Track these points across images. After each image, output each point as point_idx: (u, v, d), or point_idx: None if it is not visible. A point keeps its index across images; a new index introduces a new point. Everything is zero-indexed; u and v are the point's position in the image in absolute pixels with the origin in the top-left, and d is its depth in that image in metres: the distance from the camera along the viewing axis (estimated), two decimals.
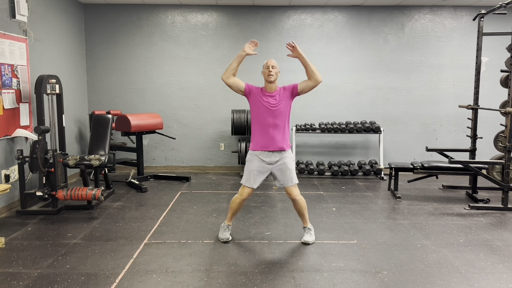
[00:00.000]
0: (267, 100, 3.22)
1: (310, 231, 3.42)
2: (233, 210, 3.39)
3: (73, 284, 2.62)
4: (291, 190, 3.30)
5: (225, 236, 3.39)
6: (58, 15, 5.36)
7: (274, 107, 3.20)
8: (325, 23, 6.28)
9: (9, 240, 3.40)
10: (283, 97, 3.24)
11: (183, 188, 5.27)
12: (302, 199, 3.36)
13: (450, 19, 6.25)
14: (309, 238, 3.38)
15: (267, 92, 3.24)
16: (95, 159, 4.39)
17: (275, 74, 3.22)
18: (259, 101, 3.23)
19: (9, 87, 4.21)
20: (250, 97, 3.28)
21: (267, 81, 3.24)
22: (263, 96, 3.23)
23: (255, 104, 3.25)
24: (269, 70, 3.22)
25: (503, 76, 4.79)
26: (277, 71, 3.24)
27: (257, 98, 3.24)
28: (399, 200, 4.74)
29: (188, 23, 6.26)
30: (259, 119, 3.24)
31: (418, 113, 6.40)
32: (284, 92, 3.26)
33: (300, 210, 3.38)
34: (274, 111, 3.20)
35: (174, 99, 6.38)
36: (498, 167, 4.83)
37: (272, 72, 3.21)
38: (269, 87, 3.25)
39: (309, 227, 3.44)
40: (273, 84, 3.24)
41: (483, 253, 3.18)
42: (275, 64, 3.25)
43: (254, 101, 3.26)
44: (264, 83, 3.29)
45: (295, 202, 3.34)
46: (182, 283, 2.65)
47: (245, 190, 3.30)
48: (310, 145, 6.48)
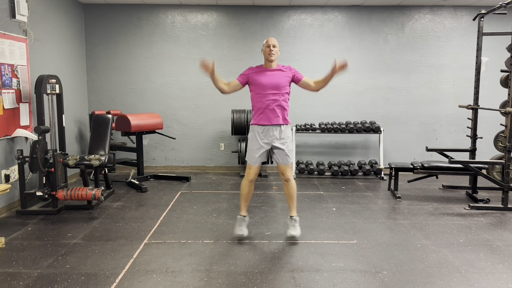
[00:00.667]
0: (267, 74, 3.30)
1: (296, 223, 3.43)
2: (244, 196, 3.44)
3: (73, 284, 2.62)
4: (285, 170, 3.38)
5: (240, 232, 3.38)
6: (58, 15, 5.36)
7: (274, 79, 3.28)
8: (325, 23, 6.28)
9: (9, 240, 3.40)
10: (283, 74, 3.33)
11: (183, 188, 5.27)
12: (294, 182, 3.45)
13: (450, 19, 6.26)
14: (294, 232, 3.38)
15: (266, 68, 3.34)
16: (95, 159, 4.39)
17: (276, 52, 3.32)
18: (259, 76, 3.30)
19: (9, 87, 4.21)
20: (249, 80, 3.35)
21: (268, 59, 3.33)
22: (262, 72, 3.32)
23: (254, 81, 3.32)
24: (270, 49, 3.30)
25: (503, 76, 4.79)
26: (277, 49, 3.34)
27: (256, 75, 3.32)
28: (399, 200, 4.74)
29: (188, 23, 6.26)
30: (259, 93, 3.30)
31: (418, 113, 6.40)
32: (286, 70, 3.36)
33: (290, 192, 3.44)
34: (273, 83, 3.27)
35: (174, 99, 6.38)
36: (498, 167, 4.84)
37: (273, 51, 3.31)
38: (269, 64, 3.35)
39: (295, 217, 3.45)
40: (273, 62, 3.33)
41: (483, 253, 3.18)
42: (275, 42, 3.33)
43: (253, 79, 3.32)
44: (264, 61, 3.38)
45: (287, 182, 3.41)
46: (182, 283, 2.65)
47: (251, 170, 3.37)
48: (310, 145, 6.48)
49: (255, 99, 3.34)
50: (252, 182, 3.43)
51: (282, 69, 3.36)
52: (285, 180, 3.43)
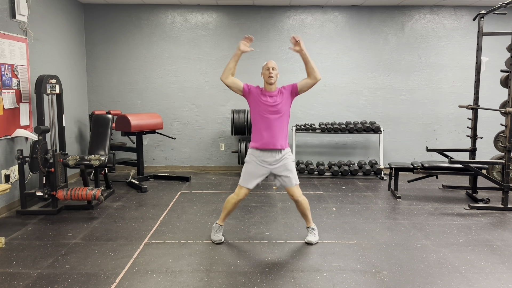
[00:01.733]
0: (267, 99, 3.21)
1: (314, 231, 3.42)
2: (228, 210, 3.36)
3: (73, 284, 2.62)
4: (293, 191, 3.29)
5: (218, 238, 3.37)
6: (58, 15, 5.36)
7: (274, 107, 3.20)
8: (325, 23, 6.28)
9: (9, 240, 3.40)
10: (283, 97, 3.23)
11: (183, 188, 5.27)
12: (305, 200, 3.36)
13: (450, 19, 6.25)
14: (312, 238, 3.37)
15: (267, 92, 3.24)
16: (95, 159, 4.39)
17: (275, 76, 3.22)
18: (259, 101, 3.22)
19: (9, 87, 4.21)
20: (250, 97, 3.27)
21: (267, 82, 3.23)
22: (262, 96, 3.22)
23: (255, 104, 3.25)
24: (269, 72, 3.20)
25: (503, 76, 4.79)
26: (277, 72, 3.23)
27: (256, 98, 3.23)
28: (399, 200, 4.74)
29: (188, 23, 6.26)
30: (259, 118, 3.23)
31: (418, 113, 6.40)
32: (284, 91, 3.25)
33: (303, 211, 3.38)
34: (274, 110, 3.20)
35: (174, 99, 6.38)
36: (498, 167, 4.83)
37: (273, 74, 3.20)
38: (268, 88, 3.25)
39: (312, 227, 3.43)
40: (273, 85, 3.24)
41: (483, 253, 3.18)
42: (275, 65, 3.24)
43: (253, 101, 3.25)
44: (264, 84, 3.28)
45: (298, 203, 3.33)
46: (182, 283, 2.65)
47: (242, 191, 3.29)
48: (310, 145, 6.48)
49: (254, 121, 3.27)
50: (240, 201, 3.34)
51: (281, 93, 3.24)
52: (295, 201, 3.34)
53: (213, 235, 3.40)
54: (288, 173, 3.25)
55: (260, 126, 3.22)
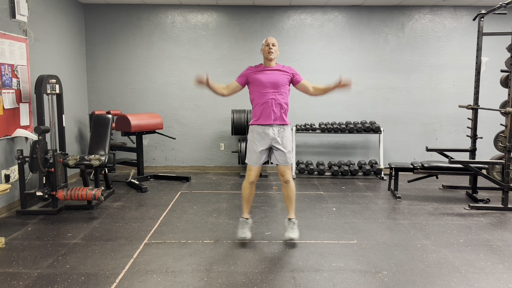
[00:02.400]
0: (266, 73, 3.27)
1: (294, 225, 3.40)
2: (245, 198, 3.41)
3: (73, 284, 2.62)
4: (285, 171, 3.34)
5: (243, 234, 3.34)
6: (58, 15, 5.37)
7: (273, 77, 3.25)
8: (325, 23, 6.28)
9: (9, 240, 3.40)
10: (282, 73, 3.30)
11: (183, 188, 5.27)
12: (293, 184, 3.42)
13: (450, 19, 6.26)
14: (293, 234, 3.34)
15: (266, 67, 3.31)
16: (95, 159, 4.39)
17: (275, 51, 3.30)
18: (258, 75, 3.28)
19: (9, 87, 4.21)
20: (248, 79, 3.33)
21: (267, 58, 3.30)
22: (260, 71, 3.30)
23: (254, 80, 3.29)
24: (269, 48, 3.28)
25: (503, 76, 4.79)
26: (276, 48, 3.31)
27: (255, 74, 3.29)
28: (399, 200, 4.74)
29: (188, 23, 6.26)
30: (258, 94, 3.28)
31: (418, 113, 6.40)
32: (286, 70, 3.33)
33: (289, 194, 3.40)
34: (272, 84, 3.25)
35: (174, 99, 6.38)
36: (498, 167, 4.83)
37: (272, 49, 3.28)
38: (268, 63, 3.32)
39: (293, 220, 3.42)
40: (273, 61, 3.31)
41: (483, 253, 3.18)
42: (275, 42, 3.31)
43: (252, 78, 3.30)
44: (263, 60, 3.35)
45: (287, 184, 3.38)
46: (182, 283, 2.65)
47: (251, 172, 3.34)
48: (310, 145, 6.48)
49: (254, 98, 3.32)
50: (253, 184, 3.39)
51: (282, 69, 3.33)
52: (284, 182, 3.38)
53: (239, 231, 3.41)
54: (284, 149, 3.30)
55: (260, 101, 3.27)
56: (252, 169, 3.35)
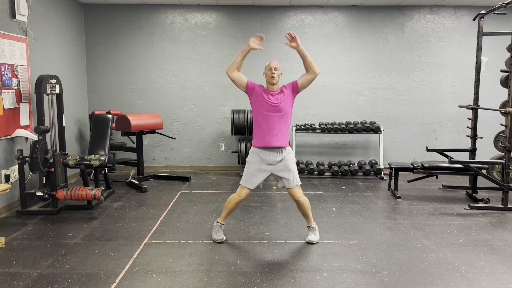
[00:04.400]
0: (269, 98, 3.22)
1: (315, 230, 3.42)
2: (229, 209, 3.37)
3: (73, 284, 2.62)
4: (295, 192, 3.30)
5: (219, 237, 3.37)
6: (58, 15, 5.36)
7: (276, 106, 3.20)
8: (325, 23, 6.28)
9: (9, 240, 3.40)
10: (285, 96, 3.24)
11: (183, 188, 5.27)
12: (306, 200, 3.36)
13: (450, 19, 6.26)
14: (313, 238, 3.37)
15: (269, 91, 3.25)
16: (95, 159, 4.39)
17: (278, 76, 3.23)
18: (261, 99, 3.23)
19: (9, 87, 4.21)
20: (252, 95, 3.27)
21: (270, 83, 3.25)
22: (265, 95, 3.23)
23: (257, 102, 3.25)
24: (271, 72, 3.22)
25: (503, 76, 4.79)
26: (279, 73, 3.24)
27: (259, 96, 3.24)
28: (399, 200, 4.74)
29: (188, 23, 6.26)
30: (261, 117, 3.24)
31: (418, 113, 6.40)
32: (286, 90, 3.26)
33: (304, 211, 3.37)
34: (276, 109, 3.20)
35: (174, 99, 6.38)
36: (498, 167, 4.83)
37: (275, 74, 3.21)
38: (271, 87, 3.26)
39: (313, 226, 3.43)
40: (275, 85, 3.26)
41: (483, 253, 3.18)
42: (277, 65, 3.25)
43: (256, 98, 3.26)
44: (266, 84, 3.29)
45: (299, 203, 3.33)
46: (182, 283, 2.65)
47: (244, 191, 3.29)
48: (310, 145, 6.49)
49: (256, 119, 3.27)
50: (241, 201, 3.34)
51: (283, 92, 3.25)
52: (296, 201, 3.34)
53: (214, 234, 3.40)
54: (289, 174, 3.25)
55: (262, 125, 3.23)
56: (246, 189, 3.29)
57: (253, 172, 3.26)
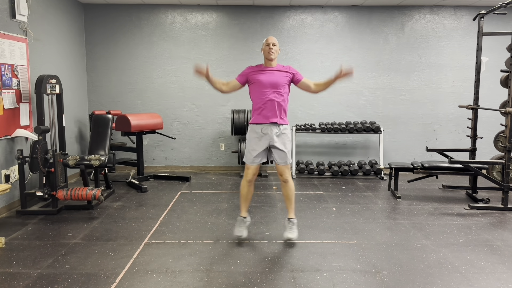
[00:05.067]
0: (266, 73, 3.27)
1: (294, 225, 3.40)
2: (244, 197, 3.41)
3: (73, 284, 2.62)
4: (283, 170, 3.34)
5: (239, 232, 3.36)
6: (58, 15, 5.37)
7: (272, 80, 3.25)
8: (325, 23, 6.28)
9: (9, 240, 3.40)
10: (283, 73, 3.30)
11: (183, 188, 5.27)
12: (292, 184, 3.41)
13: (450, 19, 6.26)
14: (292, 235, 3.34)
15: (266, 67, 3.31)
16: (95, 159, 4.39)
17: (276, 51, 3.29)
18: (258, 75, 3.27)
19: (9, 87, 4.21)
20: (249, 79, 3.33)
21: (267, 58, 3.30)
22: (261, 71, 3.29)
23: (254, 80, 3.29)
24: (269, 48, 3.28)
25: (503, 76, 4.79)
26: (277, 48, 3.31)
27: (255, 74, 3.29)
28: (399, 200, 4.74)
29: (188, 23, 6.26)
30: (258, 93, 3.27)
31: (418, 113, 6.40)
32: (287, 70, 3.34)
33: (289, 194, 3.40)
34: (273, 84, 3.24)
35: (174, 99, 6.38)
36: (498, 167, 4.83)
37: (273, 49, 3.27)
38: (268, 63, 3.31)
39: (293, 220, 3.42)
40: (273, 61, 3.30)
41: (483, 253, 3.18)
42: (275, 41, 3.31)
43: (252, 78, 3.30)
44: (264, 60, 3.35)
45: (286, 184, 3.38)
46: (182, 283, 2.65)
47: (249, 170, 3.34)
48: (310, 145, 6.48)
49: (254, 98, 3.32)
50: (251, 183, 3.40)
51: (282, 69, 3.33)
52: (283, 181, 3.39)
53: (236, 228, 3.42)
54: (284, 148, 3.30)
55: (260, 101, 3.27)
56: (250, 167, 3.35)
57: (253, 148, 3.31)
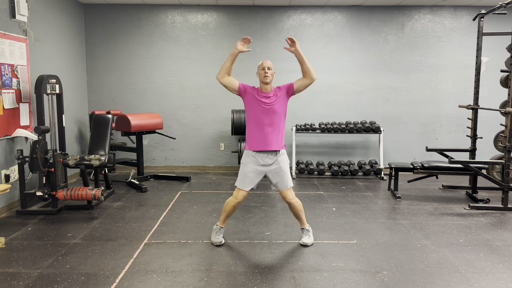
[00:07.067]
0: (262, 100, 3.17)
1: (309, 232, 3.40)
2: (227, 212, 3.34)
3: (73, 284, 2.62)
4: (286, 194, 3.27)
5: (218, 240, 3.34)
6: (58, 15, 5.36)
7: (269, 107, 3.15)
8: (325, 23, 6.28)
9: (9, 240, 3.40)
10: (278, 97, 3.18)
11: (183, 188, 5.27)
12: (298, 201, 3.33)
13: (450, 19, 6.26)
14: (307, 240, 3.35)
15: (263, 93, 3.20)
16: (95, 159, 4.39)
17: (271, 75, 3.17)
18: (254, 101, 3.18)
19: (9, 87, 4.21)
20: (245, 97, 3.23)
21: (263, 82, 3.18)
22: (258, 96, 3.18)
23: (250, 104, 3.21)
24: (264, 72, 3.16)
25: (503, 76, 4.79)
26: (272, 72, 3.19)
27: (252, 98, 3.19)
28: (399, 200, 4.74)
29: (188, 23, 6.26)
30: (254, 119, 3.20)
31: (418, 113, 6.41)
32: (280, 91, 3.21)
33: (297, 212, 3.35)
34: (269, 111, 3.15)
35: (174, 99, 6.38)
36: (498, 167, 4.84)
37: (268, 73, 3.15)
38: (264, 88, 3.19)
39: (307, 228, 3.41)
40: (269, 85, 3.19)
41: (483, 253, 3.18)
42: (270, 65, 3.19)
43: (249, 100, 3.21)
44: (260, 84, 3.23)
45: (291, 205, 3.31)
46: (182, 283, 2.65)
47: (240, 193, 3.26)
48: (310, 145, 6.48)
49: (250, 121, 3.23)
50: (239, 203, 3.32)
51: (278, 93, 3.20)
52: (288, 203, 3.32)
53: (213, 237, 3.38)
54: (282, 176, 3.22)
55: (256, 127, 3.19)
56: (242, 192, 3.26)
57: (248, 173, 3.23)
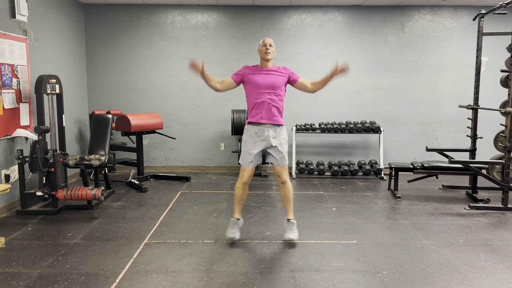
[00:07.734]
0: (262, 74, 3.26)
1: (293, 226, 3.39)
2: (238, 198, 3.39)
3: (73, 284, 2.62)
4: (281, 172, 3.33)
5: (231, 234, 3.33)
6: (58, 15, 5.37)
7: (269, 81, 3.24)
8: (325, 23, 6.28)
9: (9, 240, 3.40)
10: (279, 74, 3.29)
11: (183, 188, 5.27)
12: (290, 185, 3.40)
13: (450, 19, 6.26)
14: (293, 235, 3.33)
15: (263, 68, 3.30)
16: (95, 159, 4.39)
17: (272, 52, 3.29)
18: (254, 76, 3.26)
19: (9, 87, 4.21)
20: (244, 79, 3.31)
21: (264, 58, 3.29)
22: (257, 71, 3.28)
23: (250, 80, 3.27)
24: (266, 48, 3.27)
25: (503, 76, 4.79)
26: (273, 49, 3.31)
27: (251, 75, 3.27)
28: (399, 200, 4.74)
29: (188, 23, 6.26)
30: (254, 94, 3.26)
31: (418, 113, 6.40)
32: (283, 71, 3.33)
33: (287, 195, 3.39)
34: (269, 85, 3.23)
35: (174, 99, 6.38)
36: (498, 167, 4.83)
37: (269, 50, 3.27)
38: (264, 64, 3.31)
39: (292, 221, 3.41)
40: (269, 62, 3.30)
41: (483, 253, 3.18)
42: (272, 42, 3.31)
43: (248, 79, 3.28)
44: (260, 61, 3.34)
45: (284, 185, 3.36)
46: (182, 283, 2.65)
47: (245, 173, 3.32)
48: (310, 145, 6.48)
49: (250, 98, 3.30)
50: (246, 184, 3.36)
51: (278, 70, 3.32)
52: (282, 183, 3.37)
53: (228, 230, 3.39)
54: (281, 150, 3.29)
55: (256, 102, 3.25)
56: (246, 170, 3.32)
57: (249, 150, 3.28)
